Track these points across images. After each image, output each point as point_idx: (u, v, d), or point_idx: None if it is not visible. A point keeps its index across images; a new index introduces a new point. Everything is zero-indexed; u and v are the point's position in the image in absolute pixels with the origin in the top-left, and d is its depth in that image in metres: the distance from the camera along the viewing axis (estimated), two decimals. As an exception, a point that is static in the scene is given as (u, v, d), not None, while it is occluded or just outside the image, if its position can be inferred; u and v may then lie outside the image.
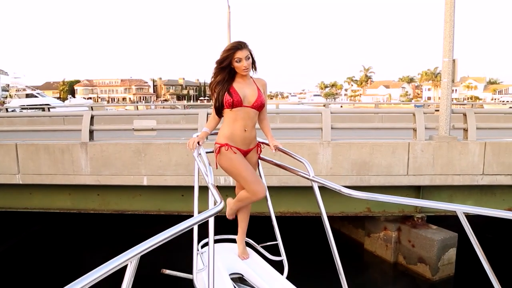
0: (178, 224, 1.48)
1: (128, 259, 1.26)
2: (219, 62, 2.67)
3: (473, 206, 1.98)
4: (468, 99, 67.60)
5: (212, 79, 2.73)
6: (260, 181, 2.74)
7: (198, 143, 2.65)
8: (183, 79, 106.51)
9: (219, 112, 2.74)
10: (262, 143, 2.95)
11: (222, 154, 2.68)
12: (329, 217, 2.46)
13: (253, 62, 2.72)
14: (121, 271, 1.29)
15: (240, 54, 2.61)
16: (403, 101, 73.26)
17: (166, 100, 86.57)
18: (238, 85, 2.70)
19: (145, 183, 7.09)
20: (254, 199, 2.71)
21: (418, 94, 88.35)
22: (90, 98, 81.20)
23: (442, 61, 7.20)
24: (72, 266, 7.82)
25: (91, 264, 1.30)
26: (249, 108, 2.71)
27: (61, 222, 9.88)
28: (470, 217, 1.93)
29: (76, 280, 1.12)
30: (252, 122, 2.77)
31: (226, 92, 2.65)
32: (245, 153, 2.81)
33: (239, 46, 2.62)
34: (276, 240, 2.98)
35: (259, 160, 2.99)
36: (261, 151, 2.94)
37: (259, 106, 2.74)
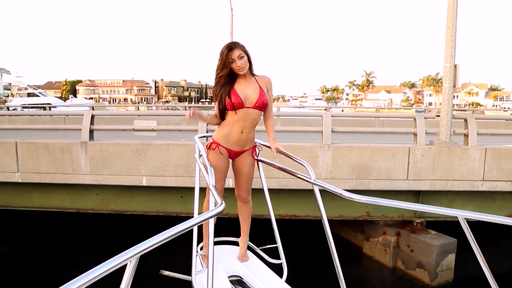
0: (179, 225, 1.47)
1: (128, 259, 1.26)
2: (219, 69, 2.72)
3: (473, 212, 1.97)
4: (469, 105, 67.60)
5: (215, 85, 2.80)
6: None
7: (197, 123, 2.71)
8: (185, 80, 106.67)
9: (222, 114, 2.76)
10: (263, 145, 2.94)
11: (210, 150, 2.79)
12: (328, 221, 2.45)
13: (249, 61, 2.74)
14: (120, 271, 1.29)
15: (232, 55, 2.66)
16: (404, 106, 73.34)
17: (167, 102, 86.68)
18: (240, 86, 2.72)
19: (144, 183, 7.08)
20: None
21: (420, 99, 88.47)
22: (92, 98, 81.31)
23: (443, 66, 7.21)
24: (70, 265, 7.79)
25: (88, 263, 1.29)
26: (251, 109, 2.72)
27: (59, 221, 9.86)
28: (470, 223, 1.93)
29: (76, 278, 1.12)
30: (252, 124, 2.78)
31: (227, 95, 2.68)
32: (237, 154, 2.82)
33: (230, 47, 2.68)
34: (275, 243, 2.96)
35: (260, 163, 2.98)
36: (258, 154, 2.93)
37: (261, 106, 2.75)
